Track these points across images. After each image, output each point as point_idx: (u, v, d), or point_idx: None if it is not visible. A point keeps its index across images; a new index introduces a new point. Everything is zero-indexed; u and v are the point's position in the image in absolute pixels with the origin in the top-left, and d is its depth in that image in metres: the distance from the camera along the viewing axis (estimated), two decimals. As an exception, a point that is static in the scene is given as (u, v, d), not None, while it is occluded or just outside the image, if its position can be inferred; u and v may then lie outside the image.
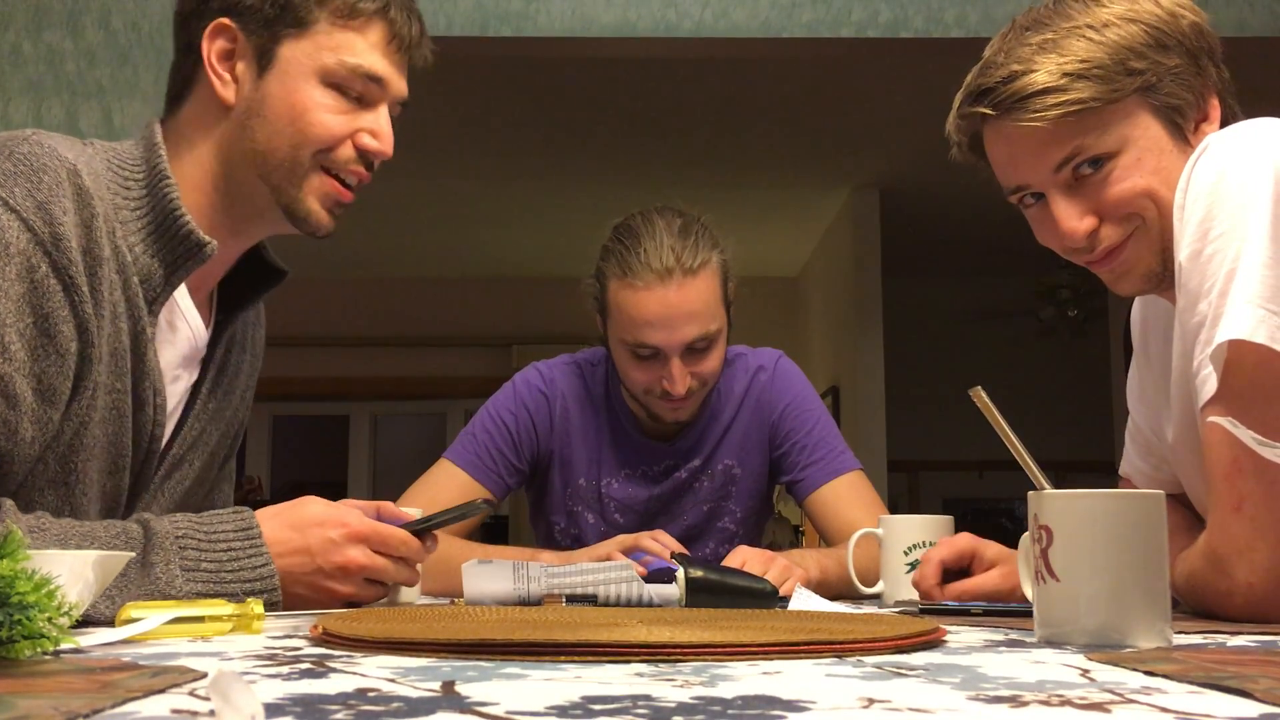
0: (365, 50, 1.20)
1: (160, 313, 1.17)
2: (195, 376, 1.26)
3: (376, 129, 1.22)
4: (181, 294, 1.21)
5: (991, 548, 1.28)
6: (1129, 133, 1.15)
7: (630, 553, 1.51)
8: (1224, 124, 1.18)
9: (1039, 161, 1.17)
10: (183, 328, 1.22)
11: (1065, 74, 1.13)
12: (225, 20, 1.19)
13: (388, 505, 1.19)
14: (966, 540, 1.29)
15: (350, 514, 1.11)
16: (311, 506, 1.12)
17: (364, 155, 1.22)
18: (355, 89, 1.20)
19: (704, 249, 1.70)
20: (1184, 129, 1.16)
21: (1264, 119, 1.12)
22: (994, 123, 1.19)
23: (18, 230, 1.03)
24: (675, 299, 1.67)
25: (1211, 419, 1.03)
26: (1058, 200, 1.17)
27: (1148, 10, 1.16)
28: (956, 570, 1.28)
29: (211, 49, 1.19)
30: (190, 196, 1.19)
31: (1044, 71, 1.13)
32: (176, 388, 1.23)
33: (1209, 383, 1.04)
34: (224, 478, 1.40)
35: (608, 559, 1.44)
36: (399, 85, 1.24)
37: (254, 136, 1.19)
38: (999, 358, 7.13)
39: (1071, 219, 1.17)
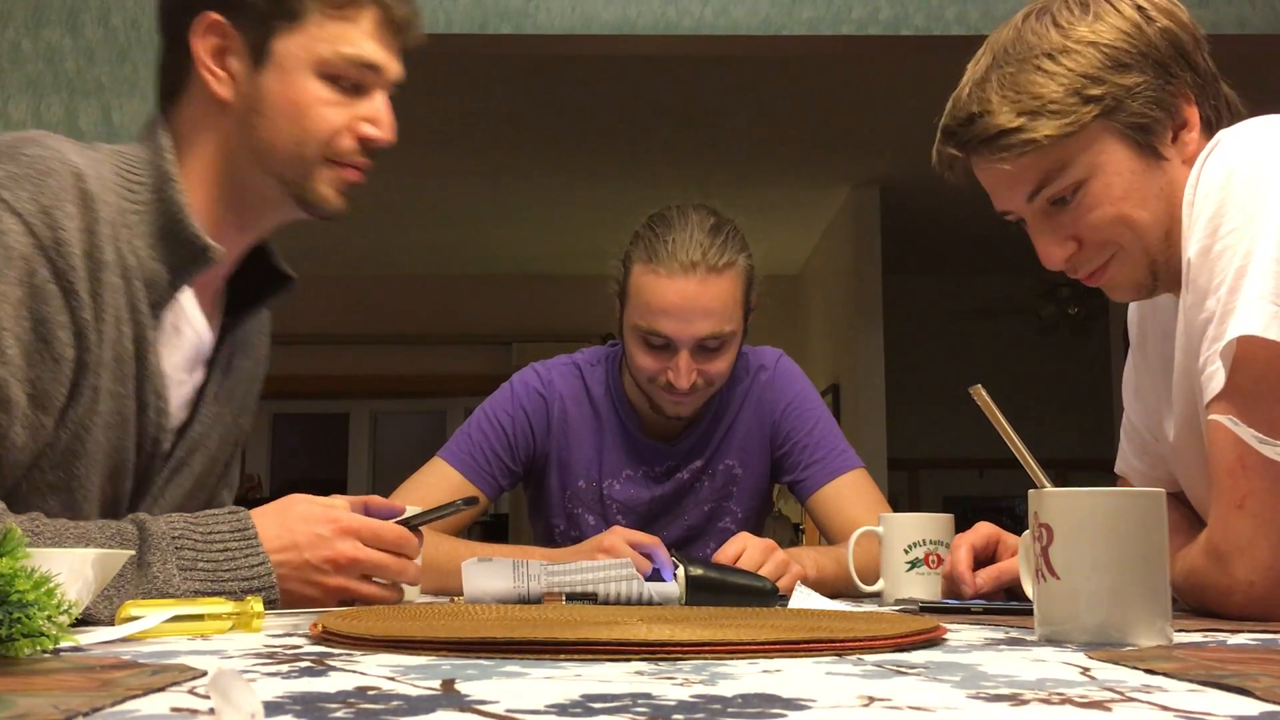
0: (360, 38, 1.19)
1: (164, 316, 1.17)
2: (201, 379, 1.26)
3: (376, 116, 1.21)
4: (186, 297, 1.21)
5: (1011, 536, 1.28)
6: (1094, 159, 1.14)
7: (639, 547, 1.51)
8: (1208, 122, 1.17)
9: (1011, 194, 1.20)
10: (187, 331, 1.21)
11: (1021, 113, 1.14)
12: (215, 16, 1.18)
13: (375, 499, 1.18)
14: (990, 528, 1.29)
15: (339, 509, 1.11)
16: (300, 504, 1.11)
17: (365, 144, 1.21)
18: (352, 78, 1.19)
19: (732, 250, 1.71)
20: (1155, 145, 1.15)
21: (1274, 115, 1.11)
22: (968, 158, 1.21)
23: (20, 234, 1.03)
24: (695, 292, 1.68)
25: (1213, 417, 1.03)
26: (1036, 228, 1.20)
27: (1110, 26, 1.14)
28: (983, 558, 1.28)
29: (203, 46, 1.18)
30: (195, 195, 1.19)
31: (1001, 114, 1.15)
32: (181, 391, 1.22)
33: (1216, 378, 1.03)
34: (225, 485, 1.40)
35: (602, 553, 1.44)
36: (395, 69, 1.23)
37: (256, 133, 1.18)
38: (1000, 356, 7.13)
39: (1050, 245, 1.19)
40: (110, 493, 1.15)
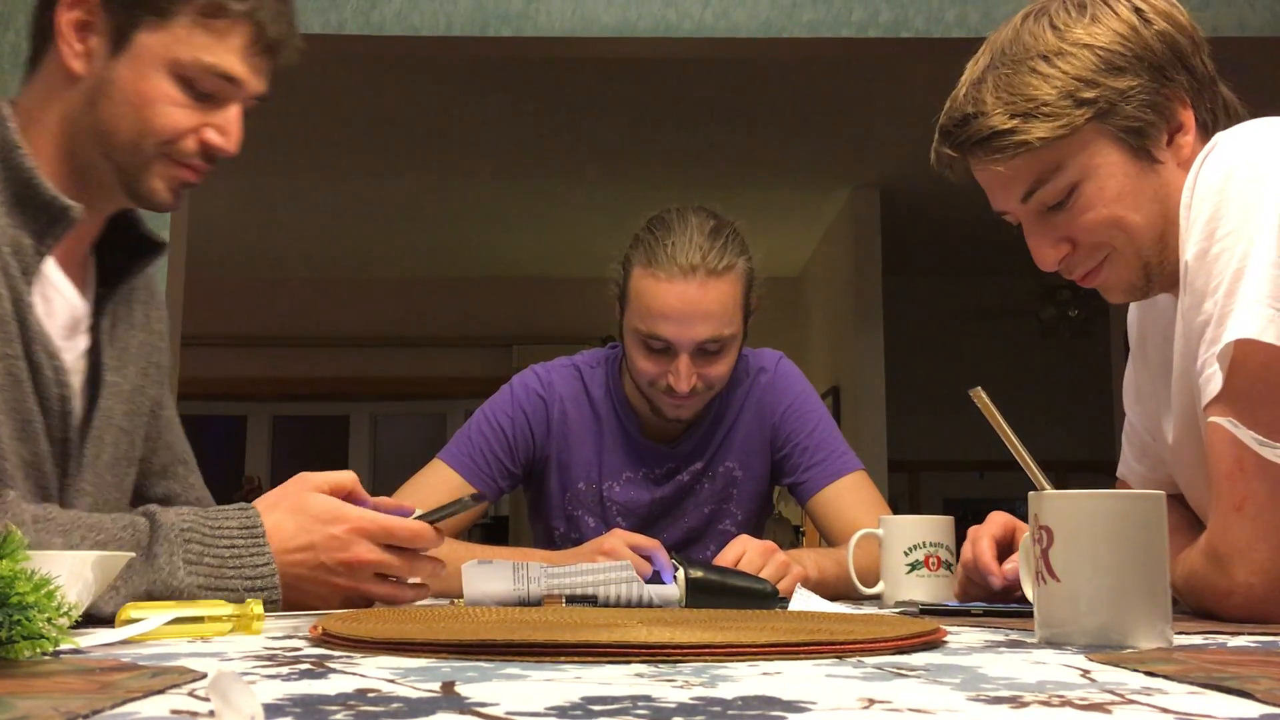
0: (225, 52, 1.17)
1: (33, 287, 1.16)
2: (84, 347, 1.24)
3: (224, 126, 1.20)
4: (49, 267, 1.19)
5: (1024, 525, 1.28)
6: (1088, 161, 1.15)
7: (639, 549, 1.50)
8: (1205, 125, 1.17)
9: (1006, 195, 1.20)
10: (57, 300, 1.20)
11: (1014, 115, 1.14)
12: None
13: (383, 500, 1.18)
14: (1006, 517, 1.29)
15: (354, 508, 1.11)
16: (313, 500, 1.11)
17: (207, 150, 1.20)
18: (207, 87, 1.18)
19: (731, 253, 1.70)
20: (1149, 148, 1.15)
21: (1273, 118, 1.12)
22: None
23: None
24: (695, 296, 1.68)
25: (1212, 419, 1.03)
26: (1030, 229, 1.21)
27: (1106, 28, 1.14)
28: (1002, 546, 1.27)
29: (66, 17, 1.17)
30: (41, 164, 1.17)
31: (995, 115, 1.15)
32: (68, 357, 1.21)
33: (1213, 381, 1.04)
34: (177, 460, 1.38)
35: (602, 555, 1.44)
36: (255, 85, 1.22)
37: (98, 115, 1.18)
38: (1000, 358, 7.13)
39: (1043, 247, 1.20)
40: (28, 455, 1.15)
